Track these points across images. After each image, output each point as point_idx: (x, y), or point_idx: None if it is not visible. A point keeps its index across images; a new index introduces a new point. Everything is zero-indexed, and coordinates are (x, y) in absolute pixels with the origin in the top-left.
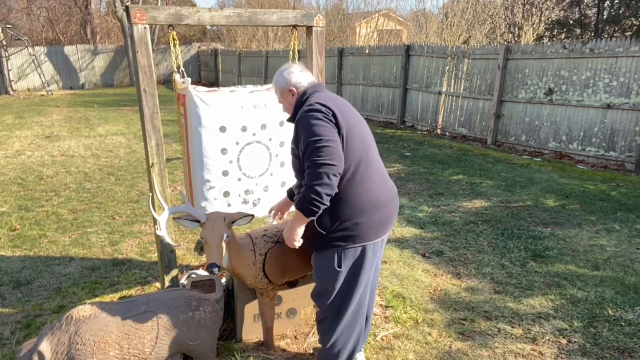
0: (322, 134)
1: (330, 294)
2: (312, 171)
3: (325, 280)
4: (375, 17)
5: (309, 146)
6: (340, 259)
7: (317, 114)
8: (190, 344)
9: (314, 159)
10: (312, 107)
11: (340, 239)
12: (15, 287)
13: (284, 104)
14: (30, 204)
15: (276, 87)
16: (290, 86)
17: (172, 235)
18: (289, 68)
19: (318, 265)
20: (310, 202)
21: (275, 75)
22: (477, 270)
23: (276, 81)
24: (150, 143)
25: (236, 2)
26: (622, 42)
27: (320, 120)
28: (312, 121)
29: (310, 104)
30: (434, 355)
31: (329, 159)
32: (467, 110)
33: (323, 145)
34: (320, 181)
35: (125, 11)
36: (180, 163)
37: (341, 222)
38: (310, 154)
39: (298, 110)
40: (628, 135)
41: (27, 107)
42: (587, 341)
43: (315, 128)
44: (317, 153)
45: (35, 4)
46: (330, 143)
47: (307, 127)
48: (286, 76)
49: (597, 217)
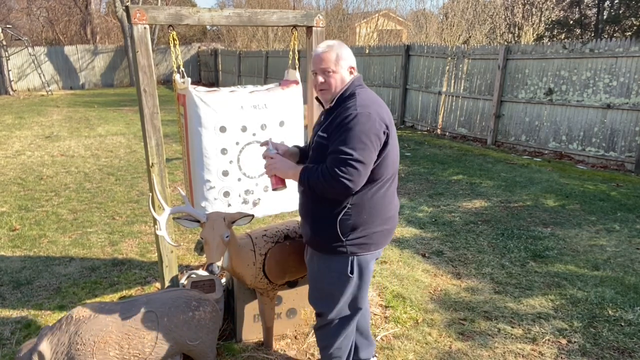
0: (358, 152)
1: (337, 299)
2: (328, 176)
3: (334, 286)
4: (375, 17)
5: (339, 153)
6: (353, 266)
7: (368, 126)
8: (190, 344)
9: (336, 170)
10: (368, 116)
11: (358, 246)
12: (15, 287)
13: (333, 75)
14: (30, 204)
15: (341, 54)
16: (351, 64)
17: (172, 235)
18: (344, 44)
19: (327, 269)
20: (308, 184)
21: (331, 43)
22: (477, 270)
23: (343, 52)
24: (150, 143)
25: (236, 2)
26: (622, 42)
27: (366, 137)
28: (359, 132)
29: (366, 109)
30: (434, 355)
31: (348, 179)
32: (467, 111)
33: (351, 165)
34: (329, 187)
35: (125, 11)
36: (180, 163)
37: (363, 229)
38: (336, 161)
39: (341, 101)
40: (628, 135)
41: (27, 107)
42: (587, 341)
43: (355, 141)
44: (343, 167)
45: (35, 4)
46: (359, 165)
47: (350, 133)
48: (349, 51)
49: (597, 217)
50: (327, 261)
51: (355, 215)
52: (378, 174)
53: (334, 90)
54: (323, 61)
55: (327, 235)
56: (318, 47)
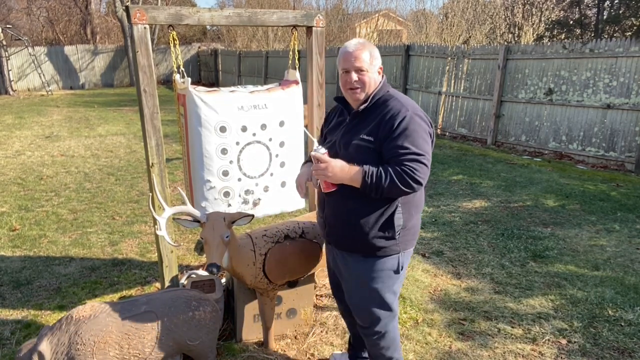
0: (426, 151)
1: (388, 300)
2: (403, 176)
3: (384, 287)
4: (375, 17)
5: (411, 153)
6: (400, 263)
7: (425, 126)
8: (190, 344)
9: (413, 169)
10: (421, 116)
11: (405, 243)
12: (15, 287)
13: (367, 74)
14: (30, 204)
15: (374, 53)
16: (380, 65)
17: (172, 235)
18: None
19: (375, 271)
20: (377, 188)
21: (364, 41)
22: (477, 271)
23: (375, 51)
24: (150, 143)
25: (236, 2)
26: (622, 42)
27: (426, 135)
28: (421, 132)
29: (416, 110)
30: (434, 355)
31: (421, 177)
32: (467, 111)
33: (424, 163)
34: (402, 188)
35: (125, 11)
36: (180, 163)
37: (411, 225)
38: (410, 161)
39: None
40: (628, 135)
41: (27, 107)
42: (587, 341)
43: (421, 141)
44: (417, 166)
45: (35, 4)
46: (428, 163)
47: (415, 134)
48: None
49: (597, 217)
50: (375, 264)
51: (405, 212)
52: None
53: (368, 90)
54: (357, 59)
55: (379, 238)
56: (349, 44)
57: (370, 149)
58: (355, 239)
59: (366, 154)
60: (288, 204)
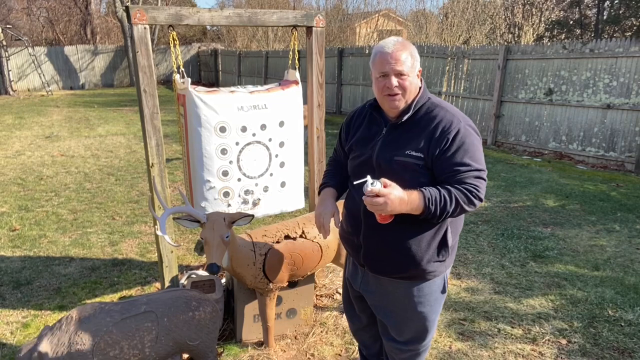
0: (484, 165)
1: (432, 323)
2: (470, 197)
3: (431, 310)
4: (375, 17)
5: (474, 170)
6: (446, 282)
7: (479, 138)
8: (190, 344)
9: (478, 187)
10: (473, 127)
11: (449, 263)
12: (15, 287)
13: (408, 79)
14: (30, 204)
15: (415, 55)
16: (420, 69)
17: (172, 236)
18: None
19: (422, 295)
20: (441, 214)
21: (403, 40)
22: (477, 270)
23: (416, 52)
24: (150, 143)
25: (236, 2)
26: (622, 43)
27: (481, 148)
28: (478, 144)
29: (467, 120)
30: (434, 355)
31: (483, 194)
32: (467, 111)
33: (484, 179)
34: (468, 209)
35: (125, 11)
36: (180, 163)
37: (454, 246)
38: (474, 178)
39: (426, 108)
40: (628, 135)
41: (27, 108)
42: (587, 341)
43: (480, 155)
44: (480, 183)
45: (35, 4)
46: (486, 178)
47: (473, 147)
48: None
49: (597, 217)
50: (422, 288)
51: (453, 234)
52: None
53: (408, 97)
54: (398, 62)
55: (433, 262)
56: (386, 43)
57: (420, 165)
58: (404, 264)
59: (415, 171)
60: (288, 204)
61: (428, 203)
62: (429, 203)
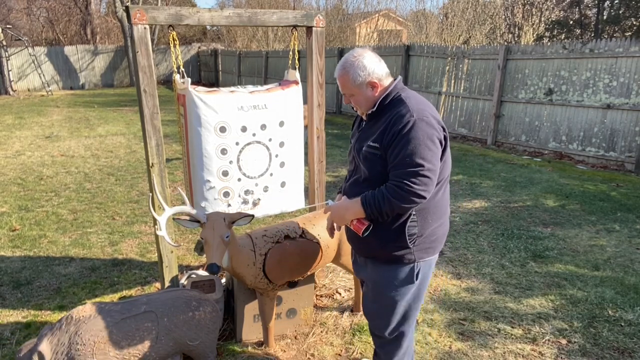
0: (428, 161)
1: (397, 309)
2: (400, 192)
3: (397, 295)
4: (375, 17)
5: (409, 166)
6: (417, 272)
7: (431, 132)
8: (190, 344)
9: (409, 184)
10: (428, 121)
11: (424, 251)
12: (15, 287)
13: (356, 97)
14: (30, 204)
15: (350, 76)
16: (374, 78)
17: (172, 236)
18: (365, 55)
19: (391, 278)
20: (379, 211)
21: (345, 63)
22: (477, 271)
23: (348, 69)
24: (150, 143)
25: (236, 2)
26: (622, 43)
27: (432, 143)
28: (424, 139)
29: (424, 114)
30: (434, 355)
31: (423, 190)
32: (467, 111)
33: (424, 175)
34: (402, 205)
35: (125, 11)
36: (180, 163)
37: (429, 233)
38: (406, 174)
39: (386, 107)
40: (628, 135)
41: (27, 108)
42: (587, 341)
43: (423, 149)
44: (415, 179)
45: (35, 4)
46: (431, 174)
47: (415, 142)
48: (367, 65)
49: (597, 217)
50: (391, 270)
51: (421, 220)
52: (440, 176)
53: (366, 107)
54: (342, 86)
55: (394, 246)
56: (337, 66)
57: (377, 155)
58: (373, 247)
59: (374, 161)
60: (288, 204)
61: (364, 206)
62: (365, 205)
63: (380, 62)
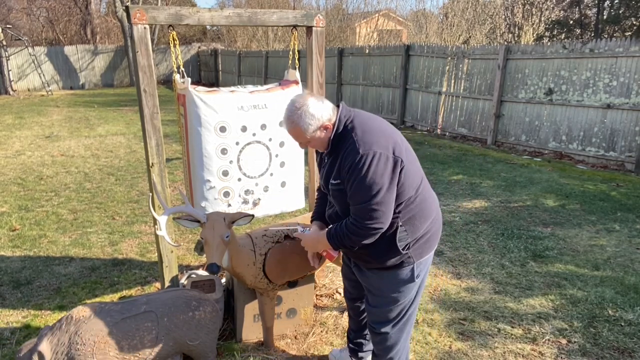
0: (377, 193)
1: (401, 306)
2: (356, 230)
3: (399, 293)
4: (375, 17)
5: (359, 202)
6: (417, 271)
7: (378, 164)
8: (190, 344)
9: (362, 221)
10: (374, 152)
11: (419, 253)
12: (15, 287)
13: (313, 143)
14: (30, 204)
15: (301, 127)
16: (324, 122)
17: (172, 236)
18: (307, 103)
19: (392, 280)
20: (343, 245)
21: (291, 116)
22: (477, 270)
23: (297, 122)
24: (150, 143)
25: (236, 2)
26: (622, 42)
27: (380, 176)
28: (372, 174)
29: (370, 147)
30: (434, 355)
31: (377, 223)
32: (467, 110)
33: (374, 209)
34: (361, 238)
35: (125, 11)
36: (180, 163)
37: (421, 235)
38: (359, 211)
39: (338, 143)
40: (628, 135)
41: (27, 107)
42: (587, 341)
43: (371, 184)
44: (367, 215)
45: (35, 4)
46: (382, 206)
47: (363, 177)
48: (314, 112)
49: (597, 217)
50: (390, 275)
51: (410, 228)
52: (411, 187)
53: (323, 146)
54: (294, 138)
55: (389, 257)
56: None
57: (342, 191)
58: (366, 260)
59: (341, 197)
60: (288, 204)
61: (329, 240)
62: (330, 240)
63: (323, 102)
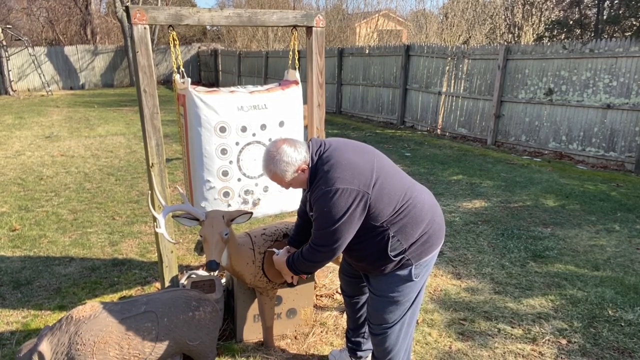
0: (335, 223)
1: (403, 307)
2: (309, 253)
3: (400, 294)
4: (375, 17)
5: (318, 229)
6: (414, 274)
7: (341, 200)
8: (190, 344)
9: (317, 244)
10: (337, 192)
11: (418, 255)
12: (15, 287)
13: (295, 185)
14: (30, 204)
15: (279, 174)
16: (300, 165)
17: (172, 235)
18: (280, 151)
19: (392, 282)
20: (300, 271)
21: (269, 164)
22: (477, 271)
23: (275, 169)
24: (150, 143)
25: (236, 2)
26: (622, 43)
27: (340, 210)
28: (332, 207)
29: (334, 185)
30: (434, 355)
31: (328, 249)
32: (467, 111)
33: (330, 236)
34: (314, 263)
35: (125, 11)
36: (180, 163)
37: (418, 239)
38: (316, 236)
39: (313, 179)
40: (628, 135)
41: (27, 108)
42: (587, 341)
43: (332, 216)
44: (323, 240)
45: (35, 4)
46: (338, 235)
47: (325, 210)
48: (289, 159)
49: (597, 217)
50: (389, 278)
51: (403, 236)
52: (392, 203)
53: (305, 185)
54: (277, 183)
55: (386, 263)
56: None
57: (311, 216)
58: (364, 267)
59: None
60: (288, 204)
61: (288, 266)
62: (288, 266)
63: (296, 146)
